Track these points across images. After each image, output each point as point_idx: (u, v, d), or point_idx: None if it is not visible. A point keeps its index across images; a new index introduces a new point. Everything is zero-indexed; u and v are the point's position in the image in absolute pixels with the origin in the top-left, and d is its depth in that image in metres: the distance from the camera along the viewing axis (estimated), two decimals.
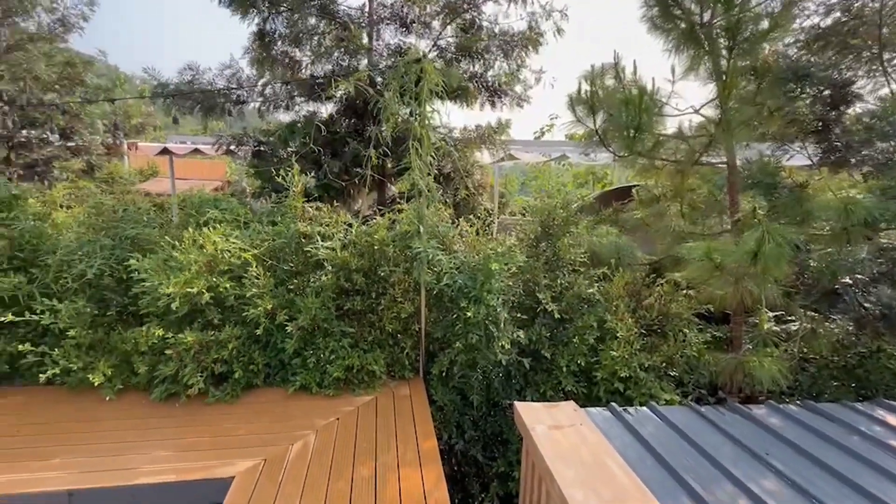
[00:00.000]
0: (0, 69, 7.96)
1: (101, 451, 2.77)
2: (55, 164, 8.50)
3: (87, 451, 2.75)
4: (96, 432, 2.95)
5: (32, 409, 3.20)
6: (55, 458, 2.68)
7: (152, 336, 3.28)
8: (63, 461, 2.66)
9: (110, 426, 3.03)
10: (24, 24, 8.58)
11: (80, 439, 2.88)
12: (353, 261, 3.63)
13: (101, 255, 3.61)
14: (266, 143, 6.28)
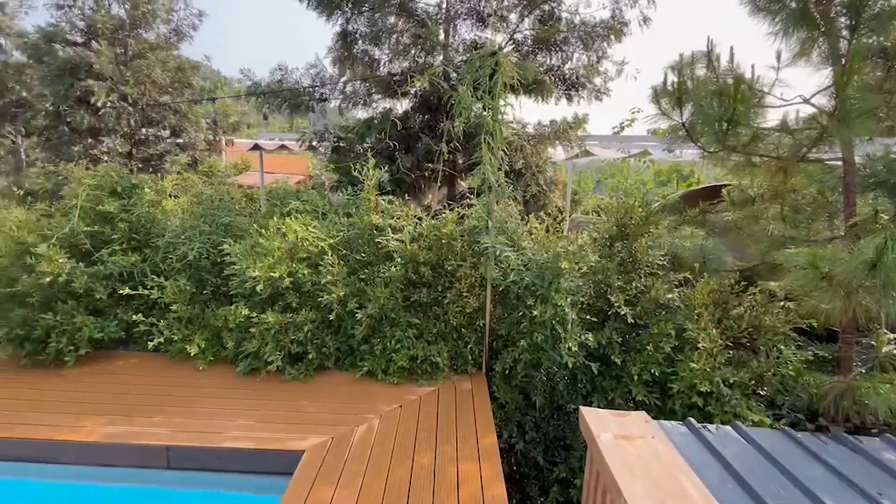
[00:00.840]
0: (126, 75, 9.14)
1: (195, 414, 3.09)
2: (167, 158, 9.63)
3: (183, 413, 3.09)
4: (191, 397, 3.30)
5: (142, 371, 3.65)
6: (157, 416, 3.03)
7: (239, 315, 3.59)
8: (164, 419, 3.01)
9: (202, 393, 3.36)
10: (146, 35, 9.76)
11: (177, 402, 3.23)
12: (422, 254, 3.70)
13: (200, 240, 4.02)
14: (344, 139, 6.60)
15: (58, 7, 9.18)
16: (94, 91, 8.06)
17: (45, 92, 8.55)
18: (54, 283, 3.45)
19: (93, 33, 8.89)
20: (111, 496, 2.85)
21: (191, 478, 2.82)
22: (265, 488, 2.86)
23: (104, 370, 3.60)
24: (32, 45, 8.85)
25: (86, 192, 3.79)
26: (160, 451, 2.78)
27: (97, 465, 2.82)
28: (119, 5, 9.50)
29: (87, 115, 8.41)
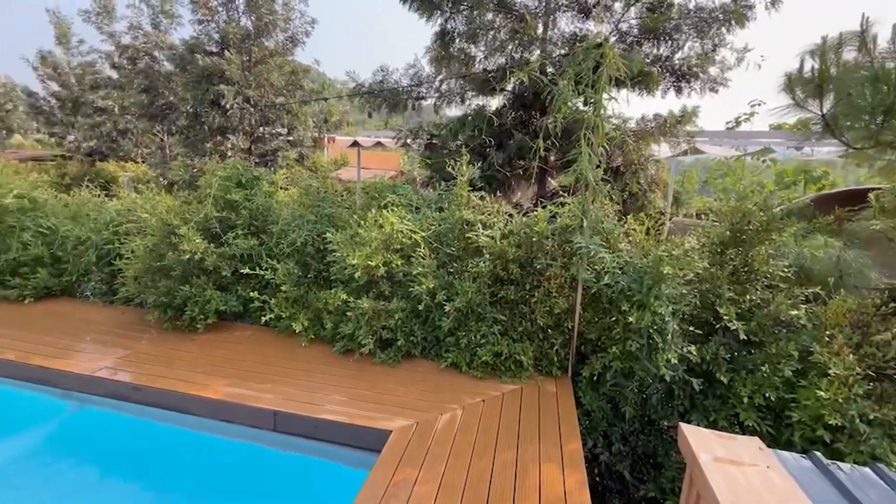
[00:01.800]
0: (250, 80, 10.27)
1: (298, 385, 3.40)
2: (279, 154, 10.68)
3: (288, 384, 3.42)
4: (294, 370, 3.64)
5: (254, 342, 4.10)
6: (267, 384, 3.39)
7: (338, 299, 3.88)
8: (272, 387, 3.35)
9: (304, 367, 3.69)
10: (267, 43, 10.86)
11: (284, 372, 3.58)
12: (511, 251, 3.67)
13: (307, 228, 4.39)
14: (437, 136, 6.77)
15: (199, 22, 10.57)
16: (225, 94, 9.19)
17: (187, 96, 9.93)
18: (191, 260, 4.02)
19: (225, 43, 10.12)
20: (228, 449, 3.25)
21: (292, 442, 3.12)
22: (355, 462, 3.06)
23: (225, 339, 4.11)
24: (179, 56, 10.32)
25: (218, 182, 4.34)
26: (268, 414, 3.11)
27: (218, 419, 3.23)
28: (246, 17, 10.69)
29: (218, 116, 9.62)
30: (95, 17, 14.03)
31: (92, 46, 16.62)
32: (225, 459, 3.31)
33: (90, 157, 16.33)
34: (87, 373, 3.48)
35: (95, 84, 16.45)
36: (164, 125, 11.09)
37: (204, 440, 3.28)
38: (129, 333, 4.15)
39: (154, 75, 10.78)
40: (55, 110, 17.17)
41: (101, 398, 3.47)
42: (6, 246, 4.71)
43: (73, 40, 17.20)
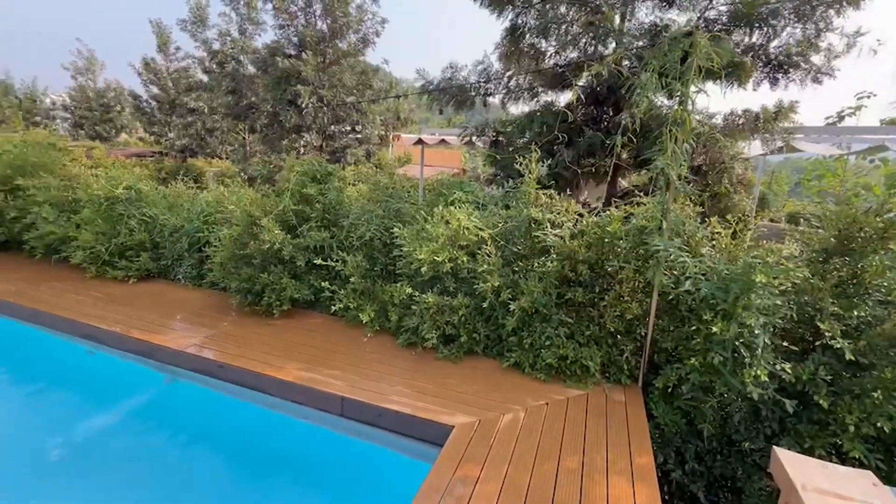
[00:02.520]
0: (323, 80, 10.77)
1: (364, 373, 3.51)
2: (348, 151, 11.13)
3: (355, 371, 3.54)
4: (361, 359, 3.76)
5: (324, 330, 4.29)
6: (336, 370, 3.54)
7: (403, 292, 3.96)
8: (340, 373, 3.49)
9: (369, 357, 3.81)
10: (340, 45, 11.32)
11: (350, 360, 3.72)
12: (581, 251, 3.54)
13: (375, 223, 4.53)
14: (503, 133, 6.69)
15: (280, 27, 11.25)
16: (301, 94, 9.71)
17: (268, 97, 10.63)
18: (270, 250, 4.28)
19: (303, 46, 10.69)
20: (298, 429, 3.43)
21: (357, 428, 3.23)
22: (416, 453, 3.11)
23: (298, 325, 4.35)
24: (262, 59, 11.05)
25: (296, 177, 4.59)
26: (336, 399, 3.24)
27: (290, 400, 3.42)
28: (322, 21, 11.21)
29: (294, 115, 10.20)
30: (191, 26, 15.39)
31: (187, 53, 18.28)
32: (295, 439, 3.50)
33: (182, 154, 18.01)
34: (179, 348, 3.82)
35: (189, 87, 18.09)
36: (247, 124, 11.93)
37: (277, 418, 3.50)
38: (214, 315, 4.51)
39: (239, 78, 11.62)
40: (155, 111, 19.11)
41: (191, 372, 3.80)
42: (116, 231, 5.31)
43: (171, 48, 19.02)
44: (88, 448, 3.52)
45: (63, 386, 4.26)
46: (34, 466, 3.30)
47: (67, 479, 3.21)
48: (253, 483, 3.27)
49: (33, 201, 5.63)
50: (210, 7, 15.76)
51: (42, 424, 3.79)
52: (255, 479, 3.31)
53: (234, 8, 13.89)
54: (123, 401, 4.07)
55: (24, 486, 3.11)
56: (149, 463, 3.40)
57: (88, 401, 4.10)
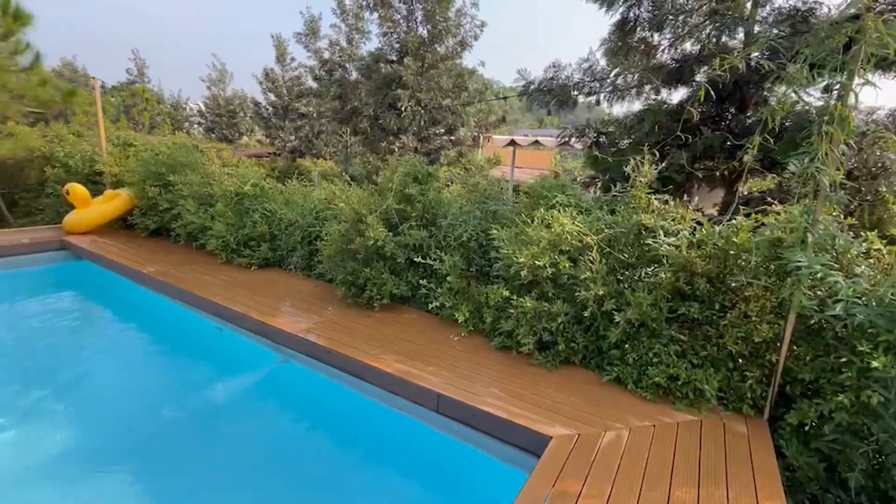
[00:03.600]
0: (421, 84, 11.14)
1: (458, 372, 3.55)
2: (442, 152, 11.41)
3: (449, 369, 3.59)
4: (456, 357, 3.81)
5: (420, 326, 4.42)
6: (431, 366, 3.62)
7: (499, 295, 3.93)
8: (436, 370, 3.57)
9: (464, 356, 3.84)
10: (439, 49, 11.64)
11: (445, 358, 3.78)
12: (699, 263, 3.23)
13: (472, 224, 4.56)
14: (605, 134, 6.37)
15: (384, 35, 11.87)
16: (401, 98, 10.16)
17: (370, 101, 11.27)
18: (374, 246, 4.51)
19: (404, 52, 11.17)
20: (393, 419, 3.57)
21: (452, 426, 3.27)
22: (508, 458, 3.07)
23: (395, 319, 4.54)
24: (366, 66, 11.76)
25: (399, 177, 4.79)
26: (432, 395, 3.32)
27: (388, 390, 3.57)
28: (423, 27, 11.61)
29: (394, 118, 10.70)
30: (305, 38, 16.89)
31: (300, 63, 20.08)
32: (390, 428, 3.65)
33: (293, 155, 19.83)
34: (292, 332, 4.18)
35: (300, 94, 19.88)
36: (350, 127, 12.78)
37: (375, 407, 3.67)
38: (321, 303, 4.88)
39: (345, 84, 12.47)
40: (271, 116, 21.28)
41: (301, 355, 4.15)
42: (242, 223, 5.99)
43: (287, 58, 21.04)
44: (208, 413, 3.99)
45: (196, 356, 4.89)
46: (162, 425, 3.79)
47: (189, 438, 3.64)
48: (345, 466, 3.46)
49: (179, 195, 6.55)
50: (322, 20, 17.16)
51: (175, 388, 4.38)
52: (347, 463, 3.51)
53: (343, 20, 14.96)
54: (242, 375, 4.56)
55: (152, 441, 3.59)
56: (257, 434, 3.74)
57: (214, 371, 4.66)
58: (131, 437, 3.57)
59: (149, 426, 3.74)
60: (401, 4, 11.48)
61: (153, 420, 3.83)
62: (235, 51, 58.85)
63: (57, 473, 3.14)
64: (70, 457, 3.30)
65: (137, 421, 3.79)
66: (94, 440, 3.53)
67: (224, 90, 26.28)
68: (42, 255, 6.71)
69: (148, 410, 3.96)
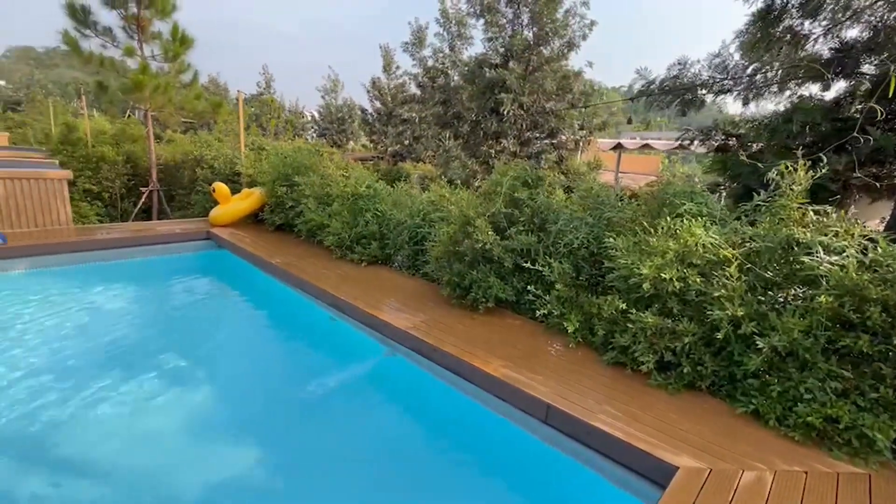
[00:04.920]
0: (524, 87, 11.02)
1: (568, 384, 3.41)
2: (542, 156, 11.17)
3: (558, 381, 3.47)
4: (565, 369, 3.67)
5: (525, 332, 4.34)
6: (539, 375, 3.53)
7: (612, 307, 3.71)
8: (544, 379, 3.47)
9: (573, 368, 3.68)
10: (544, 51, 11.42)
11: (553, 368, 3.66)
12: (872, 288, 2.73)
13: (584, 230, 4.37)
14: (737, 136, 5.72)
15: (489, 40, 11.96)
16: (503, 102, 10.15)
17: (472, 105, 11.43)
18: (481, 249, 4.54)
19: (508, 56, 11.15)
20: (497, 424, 3.54)
21: (560, 440, 3.15)
22: (622, 482, 2.88)
23: (500, 323, 4.51)
24: (470, 71, 11.95)
25: (508, 181, 4.77)
26: (541, 405, 3.22)
27: (494, 395, 3.55)
28: (528, 29, 11.48)
29: (495, 122, 10.73)
30: (411, 48, 17.68)
31: (405, 70, 21.08)
32: (494, 434, 3.62)
33: (394, 158, 20.88)
34: (400, 327, 4.36)
35: (403, 100, 20.87)
36: (451, 131, 13.08)
37: (478, 410, 3.67)
38: (426, 302, 5.03)
39: (449, 90, 12.80)
40: (375, 122, 22.64)
41: (408, 350, 4.31)
42: (356, 222, 6.42)
43: (393, 67, 22.23)
44: (318, 394, 4.29)
45: (310, 341, 5.33)
46: (277, 400, 4.16)
47: (299, 416, 3.94)
48: (446, 465, 3.49)
49: (302, 194, 7.23)
50: (427, 29, 17.85)
51: (291, 368, 4.81)
52: (448, 462, 3.54)
53: (446, 28, 15.40)
54: (351, 364, 4.87)
55: (268, 414, 3.94)
56: (361, 421, 3.94)
57: (326, 357, 5.03)
58: (251, 408, 4.00)
59: (266, 400, 4.16)
60: (507, 9, 11.49)
61: (270, 395, 4.24)
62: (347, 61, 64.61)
63: (190, 429, 3.65)
64: (199, 417, 3.82)
65: (257, 394, 4.24)
66: (221, 405, 4.02)
67: (336, 99, 28.56)
68: (191, 243, 7.84)
69: (266, 386, 4.41)
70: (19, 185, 7.98)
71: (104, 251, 6.89)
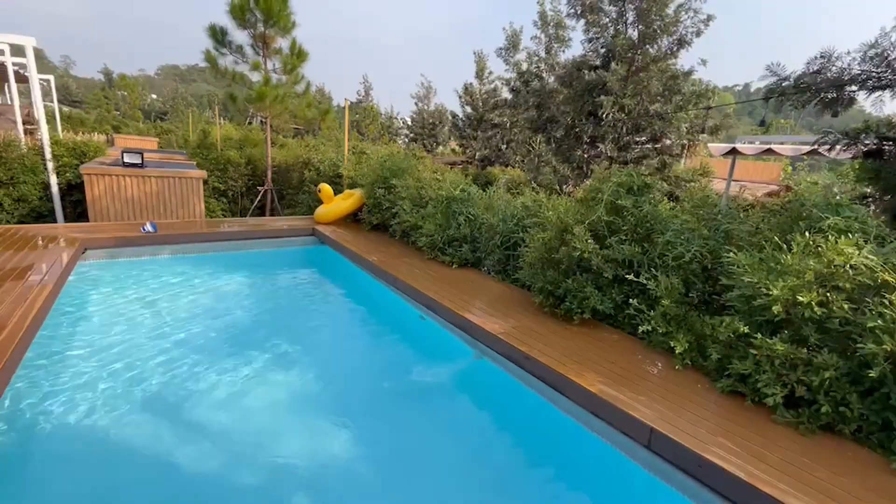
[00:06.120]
0: (626, 89, 10.42)
1: (675, 409, 3.13)
2: (644, 162, 10.47)
3: (663, 404, 3.20)
4: (670, 392, 3.37)
5: (624, 348, 4.05)
6: (641, 395, 3.28)
7: (731, 329, 3.33)
8: (647, 401, 3.22)
9: (680, 392, 3.37)
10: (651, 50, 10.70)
11: (657, 390, 3.38)
12: None
13: (698, 244, 3.99)
14: (895, 140, 4.84)
15: (589, 41, 11.52)
16: (603, 105, 9.69)
17: (568, 109, 11.08)
18: (578, 258, 4.36)
19: (610, 57, 10.63)
20: (591, 443, 3.35)
21: (664, 469, 2.90)
22: None
23: (596, 336, 4.29)
24: (567, 74, 11.61)
25: (611, 187, 4.53)
26: (644, 428, 2.99)
27: (589, 411, 3.37)
28: (633, 28, 10.85)
29: (591, 126, 10.28)
30: (505, 53, 17.67)
31: (498, 75, 21.13)
32: (588, 454, 3.44)
33: (482, 163, 21.01)
34: (490, 330, 4.34)
35: (494, 105, 20.92)
36: (543, 136, 12.82)
37: (569, 425, 3.51)
38: (516, 308, 4.95)
39: (543, 93, 12.55)
40: (465, 127, 22.97)
41: (497, 355, 4.27)
42: (448, 225, 6.54)
43: (485, 73, 22.40)
44: (405, 390, 4.40)
45: (400, 337, 5.52)
46: (367, 391, 4.35)
47: (387, 409, 4.08)
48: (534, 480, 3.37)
49: (398, 196, 7.54)
50: (522, 33, 17.71)
51: (381, 362, 5.00)
52: (537, 477, 3.42)
53: (543, 31, 15.14)
54: (439, 363, 4.94)
55: (359, 401, 4.14)
56: (446, 421, 3.97)
57: (415, 354, 5.16)
58: (342, 393, 4.26)
59: (356, 387, 4.39)
60: (610, 7, 10.97)
61: (360, 383, 4.48)
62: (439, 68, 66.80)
63: (289, 406, 3.97)
64: (297, 396, 4.14)
65: (348, 381, 4.50)
66: (317, 388, 4.31)
67: (428, 105, 29.51)
68: (298, 238, 8.57)
69: (357, 374, 4.66)
70: (167, 183, 9.37)
71: (227, 242, 7.81)
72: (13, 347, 3.34)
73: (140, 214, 9.08)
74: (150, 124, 41.65)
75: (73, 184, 9.74)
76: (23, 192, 9.17)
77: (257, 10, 10.19)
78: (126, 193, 8.90)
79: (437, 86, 30.73)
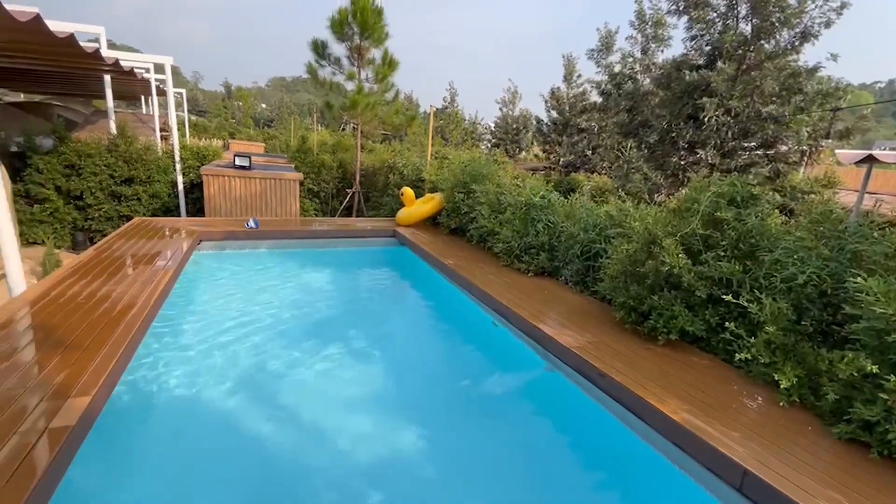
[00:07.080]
0: (734, 89, 9.44)
1: (777, 451, 2.74)
2: (752, 170, 9.39)
3: (763, 444, 2.82)
4: (770, 430, 2.96)
5: (717, 376, 3.65)
6: (736, 431, 2.92)
7: (855, 366, 2.85)
8: (741, 437, 2.86)
9: (784, 433, 2.95)
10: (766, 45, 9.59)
11: (753, 426, 2.99)
12: None
13: (814, 264, 3.48)
14: None
15: (691, 38, 10.64)
16: (705, 107, 8.87)
17: (663, 112, 10.31)
18: (667, 273, 4.02)
19: (716, 55, 9.71)
20: (671, 477, 3.06)
21: None
22: None
23: (683, 360, 3.92)
24: (665, 74, 10.82)
25: (709, 197, 4.12)
26: (736, 468, 2.66)
27: (671, 441, 3.08)
28: (745, 22, 9.81)
29: (691, 130, 9.46)
30: (596, 55, 16.96)
31: (588, 79, 20.36)
32: (667, 489, 3.15)
33: (566, 169, 20.37)
34: (564, 344, 4.16)
35: (582, 109, 20.18)
36: (635, 140, 12.08)
37: (647, 454, 3.24)
38: (594, 322, 4.70)
39: (637, 96, 11.84)
40: (550, 132, 22.43)
41: (570, 370, 4.08)
42: (526, 231, 6.42)
43: (574, 76, 21.70)
44: (474, 395, 4.37)
45: (472, 342, 5.51)
46: (434, 391, 4.38)
47: (454, 411, 4.08)
48: None
49: (477, 201, 7.57)
50: (618, 34, 16.87)
51: (451, 367, 5.02)
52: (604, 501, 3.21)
53: (640, 30, 14.28)
54: (509, 372, 4.86)
55: (428, 406, 4.15)
56: (513, 431, 3.86)
57: (486, 361, 5.13)
58: (412, 391, 4.35)
59: (425, 388, 4.46)
60: (719, 1, 10.04)
61: (430, 384, 4.53)
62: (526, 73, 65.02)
63: (362, 399, 4.11)
64: (370, 390, 4.29)
65: (419, 380, 4.58)
66: (389, 384, 4.45)
67: (513, 110, 29.33)
68: (380, 239, 8.98)
69: (428, 375, 4.73)
70: (269, 184, 10.35)
71: (317, 240, 8.42)
72: (142, 318, 4.01)
73: (245, 211, 10.16)
74: (259, 131, 46.55)
75: (195, 183, 11.20)
76: (156, 190, 10.75)
77: (354, 23, 10.90)
78: (235, 193, 10.00)
79: (524, 91, 30.41)
